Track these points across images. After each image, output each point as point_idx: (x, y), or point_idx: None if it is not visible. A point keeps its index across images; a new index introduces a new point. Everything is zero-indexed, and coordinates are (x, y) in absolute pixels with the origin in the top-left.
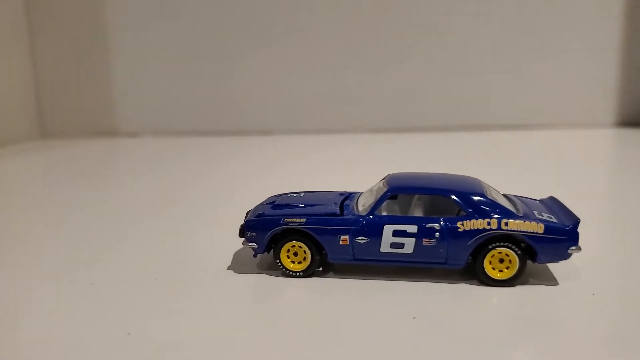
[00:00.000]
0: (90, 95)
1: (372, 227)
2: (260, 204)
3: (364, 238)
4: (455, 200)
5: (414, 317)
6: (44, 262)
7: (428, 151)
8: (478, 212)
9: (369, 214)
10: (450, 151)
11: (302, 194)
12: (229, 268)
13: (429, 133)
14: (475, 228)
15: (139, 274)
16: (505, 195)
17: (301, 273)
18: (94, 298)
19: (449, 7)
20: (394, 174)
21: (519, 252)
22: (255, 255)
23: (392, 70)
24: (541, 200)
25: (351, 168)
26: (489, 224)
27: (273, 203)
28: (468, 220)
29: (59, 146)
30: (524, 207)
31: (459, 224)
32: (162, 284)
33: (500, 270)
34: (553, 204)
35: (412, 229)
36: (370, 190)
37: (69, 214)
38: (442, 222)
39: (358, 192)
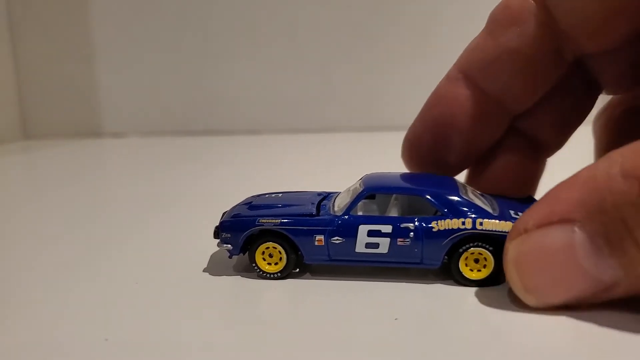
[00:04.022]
0: (73, 94)
1: (347, 227)
2: (238, 204)
3: (339, 238)
4: (429, 199)
5: (396, 318)
6: (23, 264)
7: None
8: (453, 211)
9: (344, 214)
10: None
11: (280, 194)
12: (204, 270)
13: None
14: (450, 228)
15: (118, 276)
16: (482, 195)
17: (277, 274)
18: (72, 302)
19: (435, 8)
20: (370, 173)
21: (494, 252)
22: (230, 257)
23: (379, 70)
24: (520, 199)
25: (337, 167)
26: (463, 223)
27: (250, 203)
28: (442, 220)
29: (41, 147)
30: (500, 207)
31: (433, 224)
32: (137, 287)
33: (479, 270)
34: (532, 203)
35: (387, 229)
36: (348, 190)
37: (50, 217)
38: (416, 222)
39: (336, 192)
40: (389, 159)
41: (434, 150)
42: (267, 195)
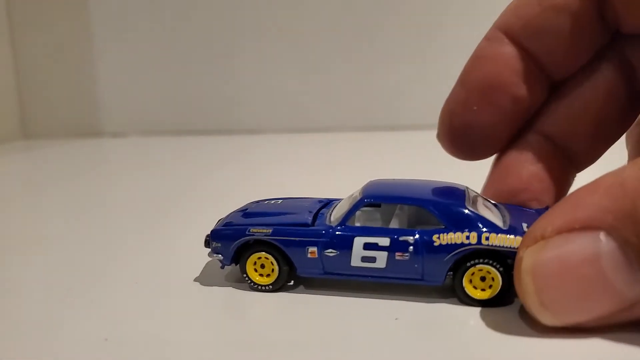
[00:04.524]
0: (73, 94)
1: (341, 239)
2: (233, 211)
3: (333, 251)
4: (431, 210)
5: (396, 318)
6: (22, 264)
7: (418, 150)
8: (456, 224)
9: (339, 225)
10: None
11: (280, 201)
12: (195, 279)
13: (418, 131)
14: (453, 242)
15: (118, 276)
16: (495, 205)
17: (269, 287)
18: (72, 302)
19: (436, 8)
20: (374, 180)
21: (502, 269)
22: (222, 267)
23: (379, 70)
24: (537, 211)
25: (337, 167)
26: (467, 238)
27: (245, 211)
28: (445, 234)
29: (41, 147)
30: (512, 220)
31: (434, 238)
32: (137, 287)
33: (483, 289)
34: None
35: (384, 241)
36: (349, 198)
37: (50, 216)
38: (416, 235)
39: (338, 200)
40: (389, 159)
41: (480, 115)
42: (266, 202)
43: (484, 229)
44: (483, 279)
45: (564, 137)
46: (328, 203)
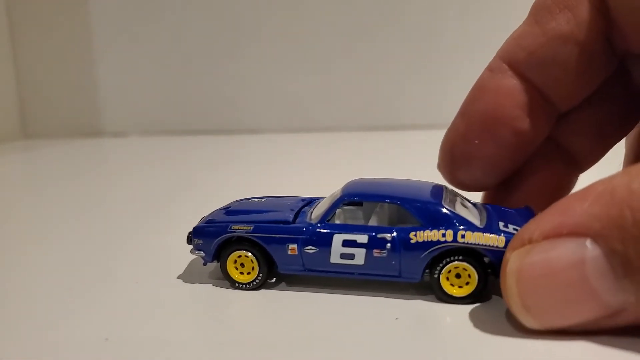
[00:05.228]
0: (73, 94)
1: (321, 236)
2: (217, 209)
3: (313, 248)
4: (408, 208)
5: (397, 318)
6: (23, 264)
7: (418, 150)
8: (433, 222)
9: (318, 222)
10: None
11: (263, 199)
12: (196, 279)
13: (418, 131)
14: (429, 240)
15: (118, 276)
16: (474, 204)
17: (250, 284)
18: (72, 302)
19: (436, 8)
20: (355, 179)
21: (478, 266)
22: (205, 264)
23: (380, 69)
24: (516, 210)
25: (337, 167)
26: (444, 235)
27: (228, 209)
28: (421, 231)
29: (42, 147)
30: (488, 218)
31: (411, 235)
32: (137, 287)
33: (460, 287)
34: (529, 215)
35: (363, 239)
36: (330, 196)
37: (50, 216)
38: (394, 233)
39: (320, 198)
40: (389, 159)
41: (481, 148)
42: (250, 200)
43: (460, 227)
44: (458, 276)
45: (566, 140)
46: (310, 202)
